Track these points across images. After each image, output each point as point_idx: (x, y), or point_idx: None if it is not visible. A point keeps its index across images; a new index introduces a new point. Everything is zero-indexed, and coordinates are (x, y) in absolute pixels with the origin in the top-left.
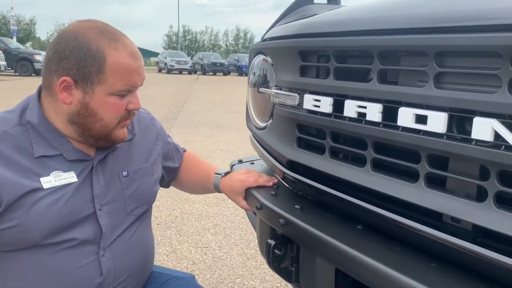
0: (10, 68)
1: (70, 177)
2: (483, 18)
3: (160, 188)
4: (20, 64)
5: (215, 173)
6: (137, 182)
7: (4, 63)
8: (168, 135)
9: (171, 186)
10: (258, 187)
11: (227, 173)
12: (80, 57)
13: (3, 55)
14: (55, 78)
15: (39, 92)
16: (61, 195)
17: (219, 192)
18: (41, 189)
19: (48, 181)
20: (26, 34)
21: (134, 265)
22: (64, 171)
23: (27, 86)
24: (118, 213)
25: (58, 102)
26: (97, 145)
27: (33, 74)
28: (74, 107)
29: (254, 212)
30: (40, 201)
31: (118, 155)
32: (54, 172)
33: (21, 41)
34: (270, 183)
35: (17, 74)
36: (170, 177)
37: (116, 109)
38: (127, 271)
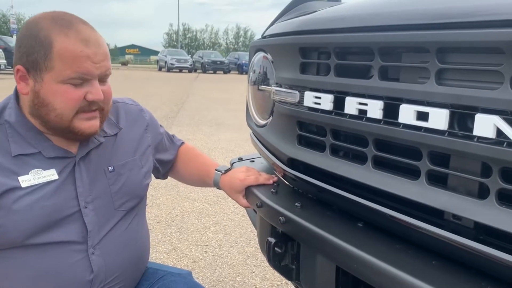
0: (10, 67)
1: (51, 175)
2: (485, 14)
3: (160, 186)
4: None
5: (215, 170)
6: (124, 176)
7: (4, 61)
8: (160, 125)
9: (171, 186)
10: (258, 185)
11: (227, 171)
12: (29, 44)
13: (3, 53)
14: (15, 68)
15: (17, 90)
16: (42, 194)
17: (218, 188)
18: (20, 188)
19: (27, 180)
20: None
21: (127, 261)
22: (45, 169)
23: None
24: (106, 209)
25: (22, 94)
26: (67, 138)
27: None
28: (30, 97)
29: (254, 210)
30: (20, 200)
31: (102, 150)
32: (34, 170)
33: None
34: (270, 181)
35: None
36: (165, 169)
37: (69, 98)
38: (120, 268)
